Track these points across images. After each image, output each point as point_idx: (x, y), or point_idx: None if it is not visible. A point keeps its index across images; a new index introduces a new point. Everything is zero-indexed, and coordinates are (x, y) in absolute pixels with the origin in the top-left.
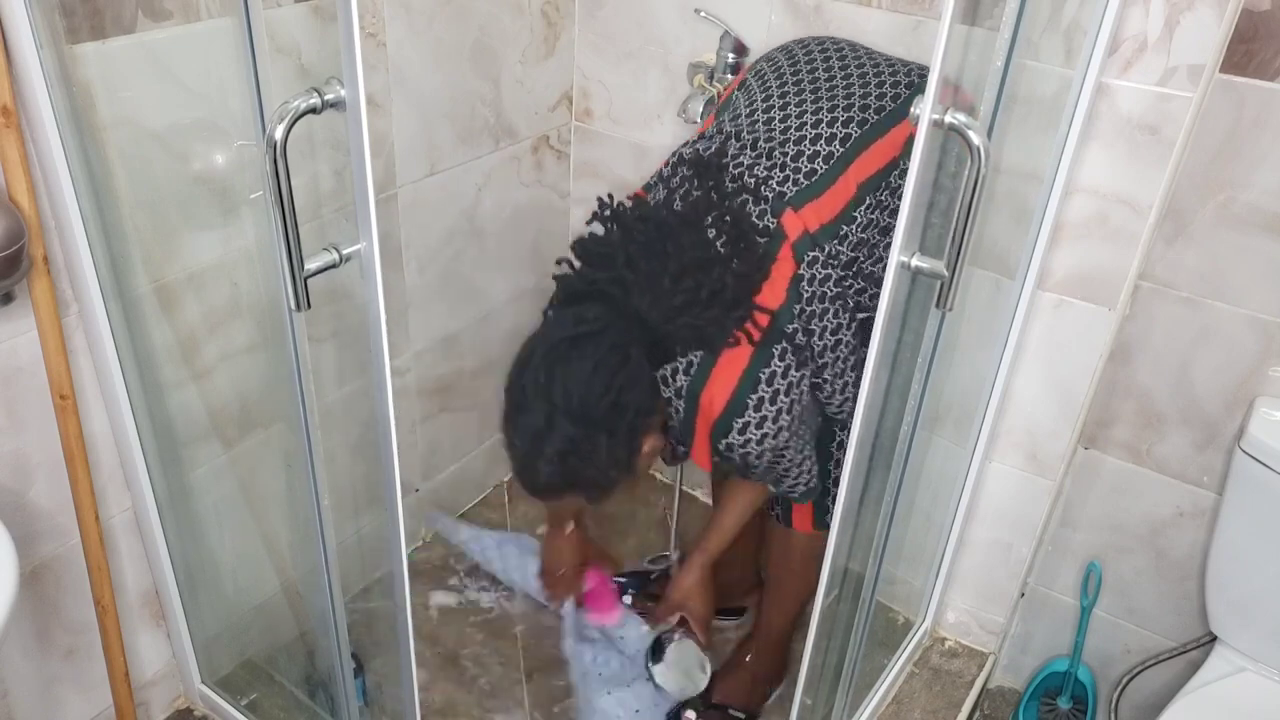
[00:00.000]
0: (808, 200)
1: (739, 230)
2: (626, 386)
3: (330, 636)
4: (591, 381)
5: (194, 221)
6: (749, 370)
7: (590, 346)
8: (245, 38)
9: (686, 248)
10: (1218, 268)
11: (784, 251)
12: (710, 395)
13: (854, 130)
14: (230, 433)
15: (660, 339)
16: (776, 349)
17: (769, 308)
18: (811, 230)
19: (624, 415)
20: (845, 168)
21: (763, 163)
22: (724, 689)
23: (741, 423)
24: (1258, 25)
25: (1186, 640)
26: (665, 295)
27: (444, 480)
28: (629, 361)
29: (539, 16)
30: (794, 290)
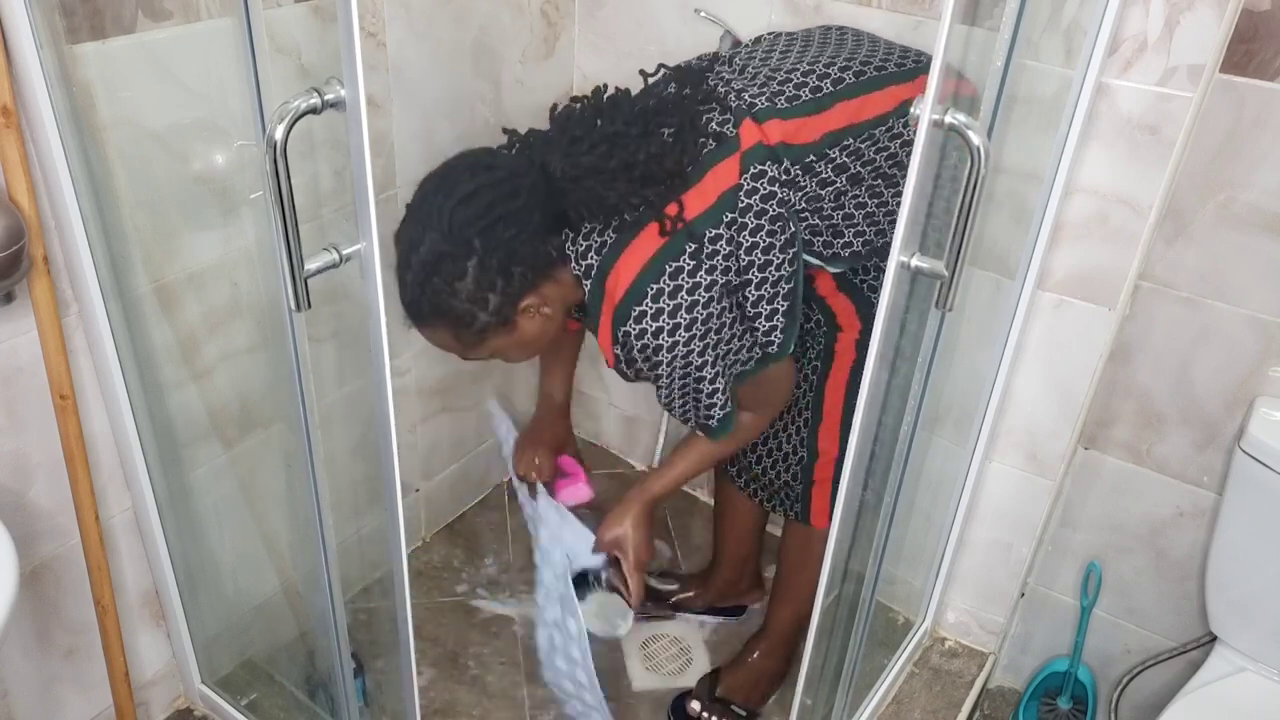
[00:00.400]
0: (774, 117)
1: (684, 127)
2: (505, 223)
3: (330, 636)
4: (469, 201)
5: (194, 221)
6: (654, 258)
7: (484, 174)
8: (245, 38)
9: (616, 122)
10: (1218, 268)
11: (731, 159)
12: (615, 276)
13: (849, 77)
14: (230, 433)
15: (559, 197)
16: (689, 247)
17: (688, 207)
18: (769, 143)
19: (496, 250)
20: (832, 104)
21: (741, 79)
22: (730, 684)
23: (639, 310)
24: (1258, 25)
25: (1186, 640)
26: (576, 155)
27: (444, 480)
28: (516, 199)
29: (539, 16)
30: (728, 198)
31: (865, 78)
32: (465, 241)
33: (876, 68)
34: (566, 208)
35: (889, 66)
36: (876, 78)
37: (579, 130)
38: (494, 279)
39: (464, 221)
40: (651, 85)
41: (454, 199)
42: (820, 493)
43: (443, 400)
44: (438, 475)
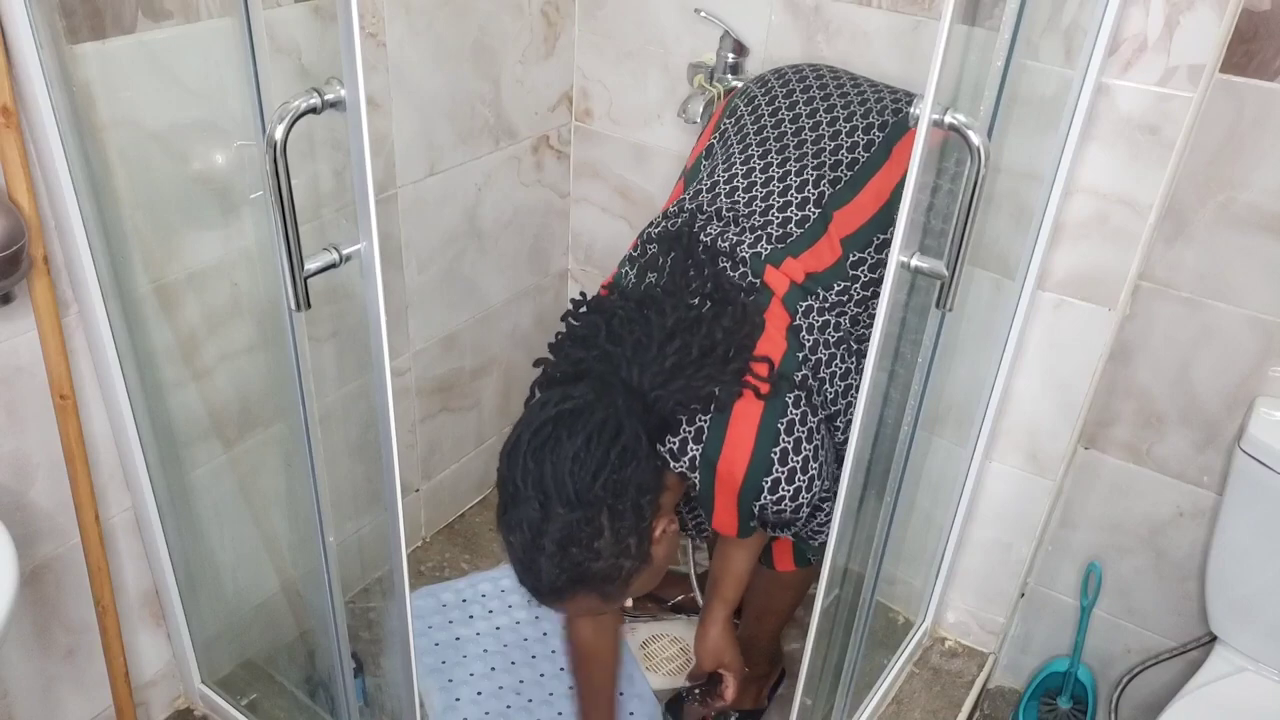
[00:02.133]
0: (786, 257)
1: (721, 290)
2: (623, 461)
3: (330, 636)
4: (583, 459)
5: (194, 221)
6: (764, 423)
7: (579, 423)
8: (245, 38)
9: (669, 312)
10: (1218, 268)
11: (774, 306)
12: (728, 459)
13: (826, 189)
14: (230, 433)
15: (656, 408)
16: (789, 396)
17: (769, 356)
18: (798, 282)
19: (625, 493)
20: (825, 228)
21: (731, 229)
22: None
23: (770, 480)
24: (1258, 25)
25: (1186, 640)
26: (654, 360)
27: (444, 480)
28: (622, 433)
29: (539, 16)
30: (794, 338)
31: (843, 183)
32: (595, 500)
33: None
34: (665, 415)
35: (858, 154)
36: (853, 178)
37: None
38: (631, 524)
39: (584, 483)
40: (644, 260)
41: (565, 461)
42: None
43: (443, 400)
44: (438, 475)
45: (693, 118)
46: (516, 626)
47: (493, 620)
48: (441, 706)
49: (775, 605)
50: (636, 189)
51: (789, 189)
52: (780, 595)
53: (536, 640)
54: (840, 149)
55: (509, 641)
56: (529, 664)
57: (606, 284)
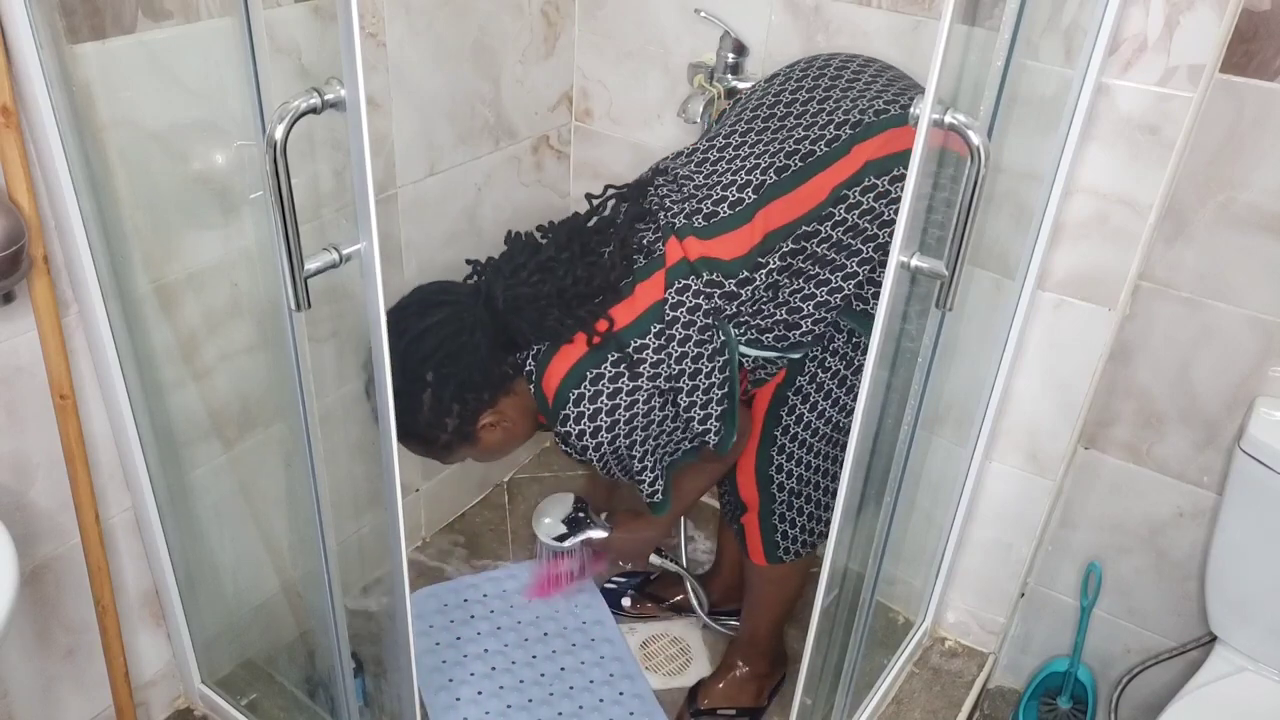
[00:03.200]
0: (692, 235)
1: (623, 247)
2: (453, 355)
3: (330, 636)
4: (419, 341)
5: (194, 221)
6: (575, 367)
7: (432, 314)
8: (245, 38)
9: (551, 248)
10: (1218, 268)
11: (657, 275)
12: (545, 384)
13: (770, 177)
14: (230, 433)
15: (505, 324)
16: (611, 356)
17: (615, 319)
18: (691, 259)
19: (447, 384)
20: (752, 215)
21: (674, 195)
22: (715, 694)
23: (563, 414)
24: (1258, 25)
25: (1186, 640)
26: (516, 284)
27: (444, 480)
28: (462, 335)
29: (539, 16)
30: (655, 310)
31: (790, 172)
32: (418, 378)
33: (804, 156)
34: (513, 332)
35: (819, 149)
36: (801, 169)
37: (522, 257)
38: (448, 406)
39: (416, 360)
40: (596, 206)
41: (405, 338)
42: (752, 532)
43: None
44: (438, 475)
45: (693, 118)
46: (517, 626)
47: (493, 620)
48: (441, 706)
49: (763, 599)
50: None
51: (741, 169)
52: (765, 590)
53: (537, 640)
54: (804, 140)
55: (509, 641)
56: (529, 664)
57: None
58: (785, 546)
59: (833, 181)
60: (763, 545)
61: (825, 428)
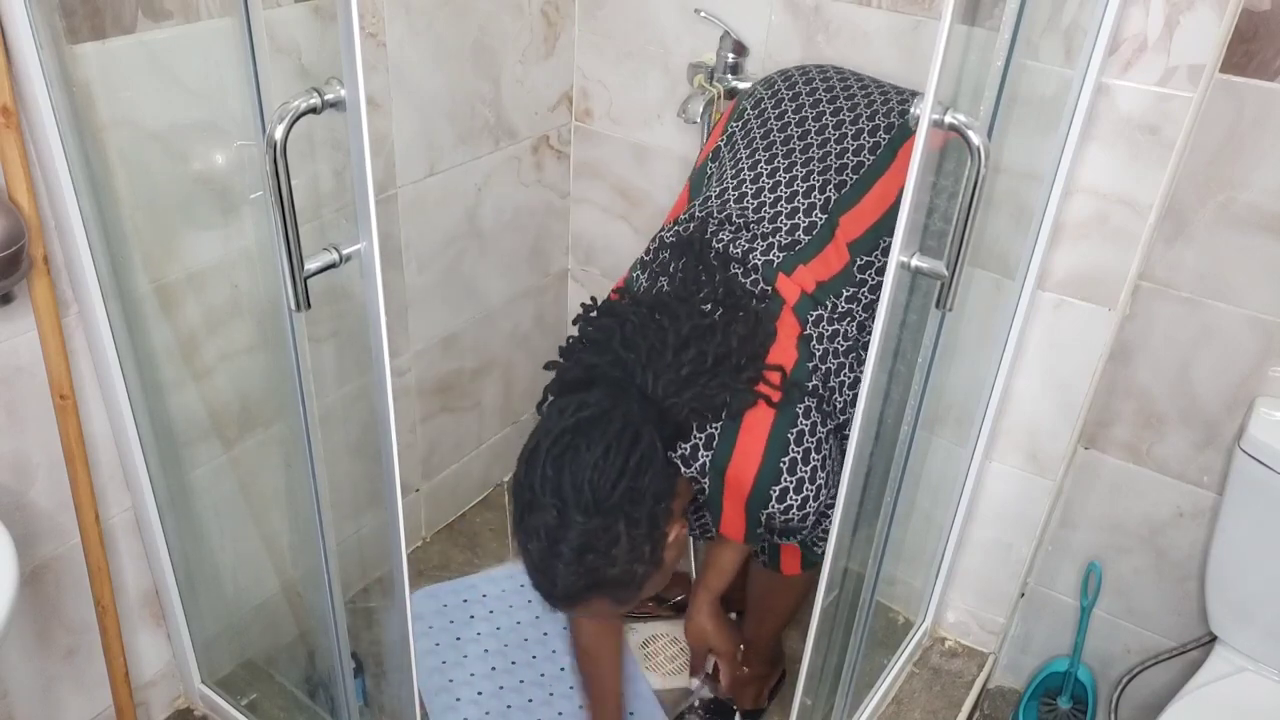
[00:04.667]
0: (797, 264)
1: (733, 297)
2: (641, 469)
3: (330, 636)
4: (603, 468)
5: (194, 221)
6: (775, 433)
7: (597, 431)
8: (245, 38)
9: (683, 318)
10: (1218, 268)
11: (785, 314)
12: (738, 466)
13: (832, 194)
14: (230, 433)
15: (670, 415)
16: (800, 407)
17: (781, 365)
18: (809, 291)
19: (642, 501)
20: (831, 233)
21: (743, 236)
22: None
23: (779, 489)
24: (1258, 25)
25: (1186, 640)
26: (669, 368)
27: (444, 480)
28: (640, 441)
29: (539, 16)
30: (804, 348)
31: (848, 186)
32: (612, 509)
33: (854, 168)
34: (679, 422)
35: (864, 156)
36: (859, 181)
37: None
38: (646, 531)
39: (603, 491)
40: (656, 265)
41: (584, 469)
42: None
43: (443, 400)
44: (438, 475)
45: (693, 118)
46: (517, 627)
47: (493, 620)
48: (441, 706)
49: (777, 607)
50: (636, 189)
51: (796, 194)
52: (783, 598)
53: (537, 640)
54: (846, 153)
55: (509, 642)
56: (529, 664)
57: (617, 288)
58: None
59: (894, 188)
60: (802, 556)
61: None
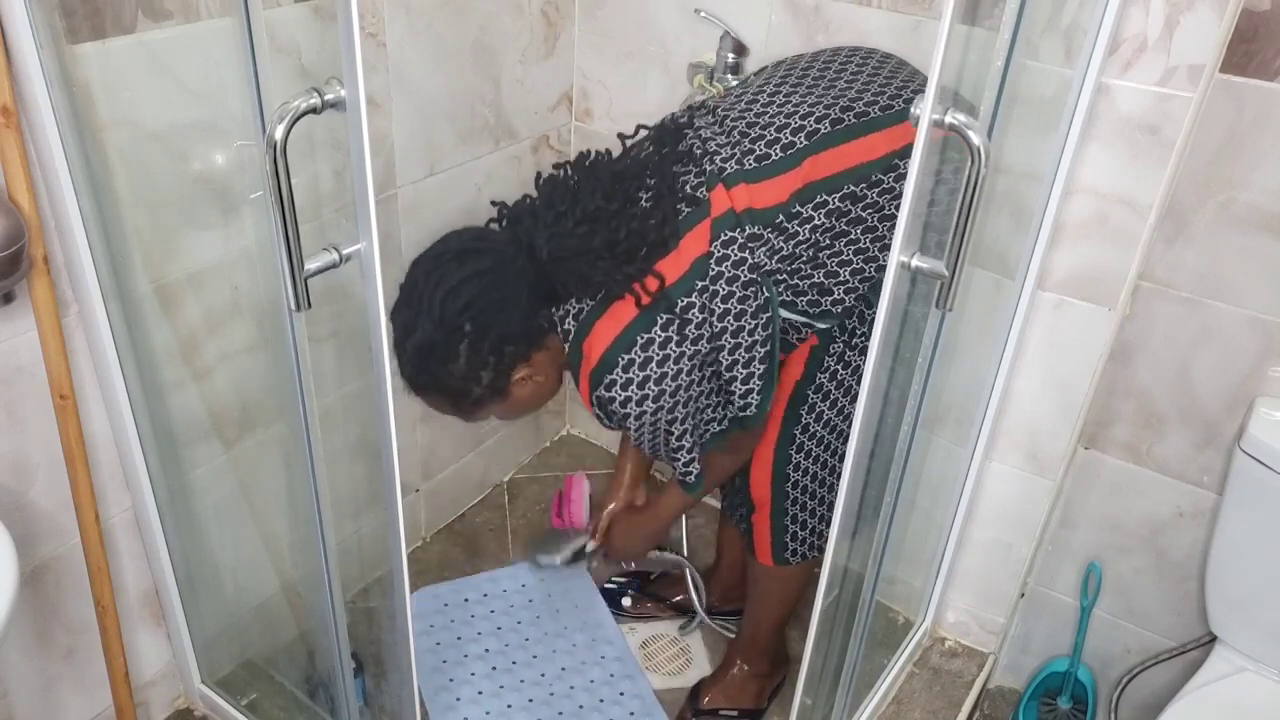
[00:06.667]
0: (743, 181)
1: (663, 194)
2: (494, 306)
3: (330, 636)
4: (458, 292)
5: (194, 221)
6: (627, 330)
7: (470, 262)
8: (245, 38)
9: (596, 196)
10: (1218, 268)
11: (702, 225)
12: (590, 343)
13: (825, 127)
14: (230, 433)
15: (547, 276)
16: (661, 318)
17: (664, 275)
18: (737, 210)
19: (486, 334)
20: (802, 159)
21: (719, 138)
22: (713, 693)
23: (609, 379)
24: (1258, 25)
25: (1186, 640)
26: (561, 235)
27: (444, 480)
28: (504, 284)
29: (539, 16)
30: (699, 266)
31: (843, 126)
32: (456, 329)
33: (858, 114)
34: (555, 285)
35: (873, 111)
36: (856, 125)
37: (563, 205)
38: (485, 359)
39: (454, 311)
40: (629, 147)
41: (443, 288)
42: (761, 531)
43: None
44: (438, 475)
45: None
46: (517, 627)
47: (494, 620)
48: (441, 706)
49: (766, 598)
50: None
51: (794, 114)
52: (769, 588)
53: (537, 640)
54: (859, 100)
55: (510, 642)
56: (529, 664)
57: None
58: (794, 548)
59: (887, 146)
60: (771, 545)
61: (845, 425)
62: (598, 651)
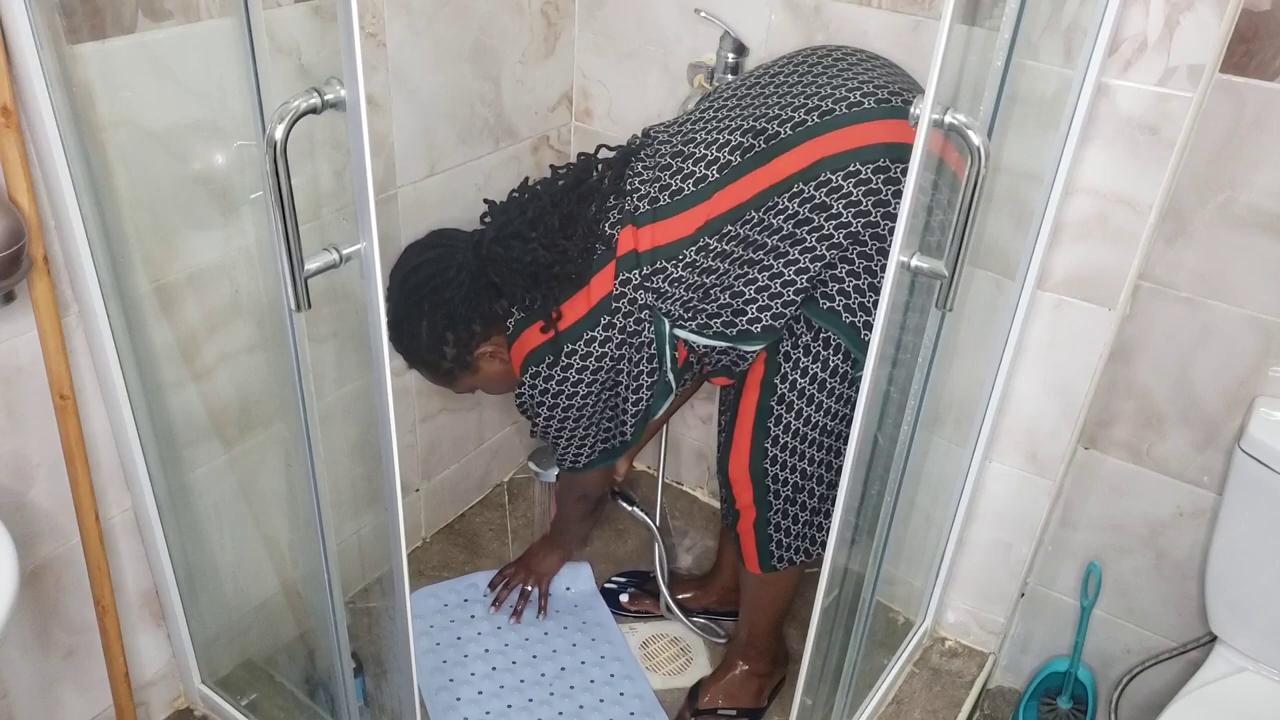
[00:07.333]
0: (653, 220)
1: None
2: (439, 289)
3: (330, 636)
4: (413, 274)
5: (194, 221)
6: (534, 351)
7: (429, 252)
8: (245, 38)
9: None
10: (1218, 268)
11: (608, 268)
12: (516, 349)
13: (735, 158)
14: (230, 433)
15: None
16: (566, 347)
17: (573, 309)
18: (640, 250)
19: (437, 311)
20: (710, 194)
21: (650, 172)
22: (712, 693)
23: (521, 381)
24: (1258, 25)
25: (1186, 640)
26: (498, 244)
27: (444, 480)
28: (449, 273)
29: (539, 16)
30: (602, 305)
31: (753, 152)
32: (415, 305)
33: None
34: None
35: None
36: (764, 151)
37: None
38: (444, 335)
39: (409, 288)
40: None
41: (403, 269)
42: (747, 541)
43: (443, 400)
44: (438, 475)
45: None
46: (517, 626)
47: (494, 620)
48: (441, 706)
49: (758, 603)
50: None
51: (713, 145)
52: (760, 593)
53: (537, 640)
54: (773, 120)
55: (510, 641)
56: (530, 664)
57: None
58: (779, 555)
59: (788, 169)
60: (757, 553)
61: (814, 433)
62: (598, 651)
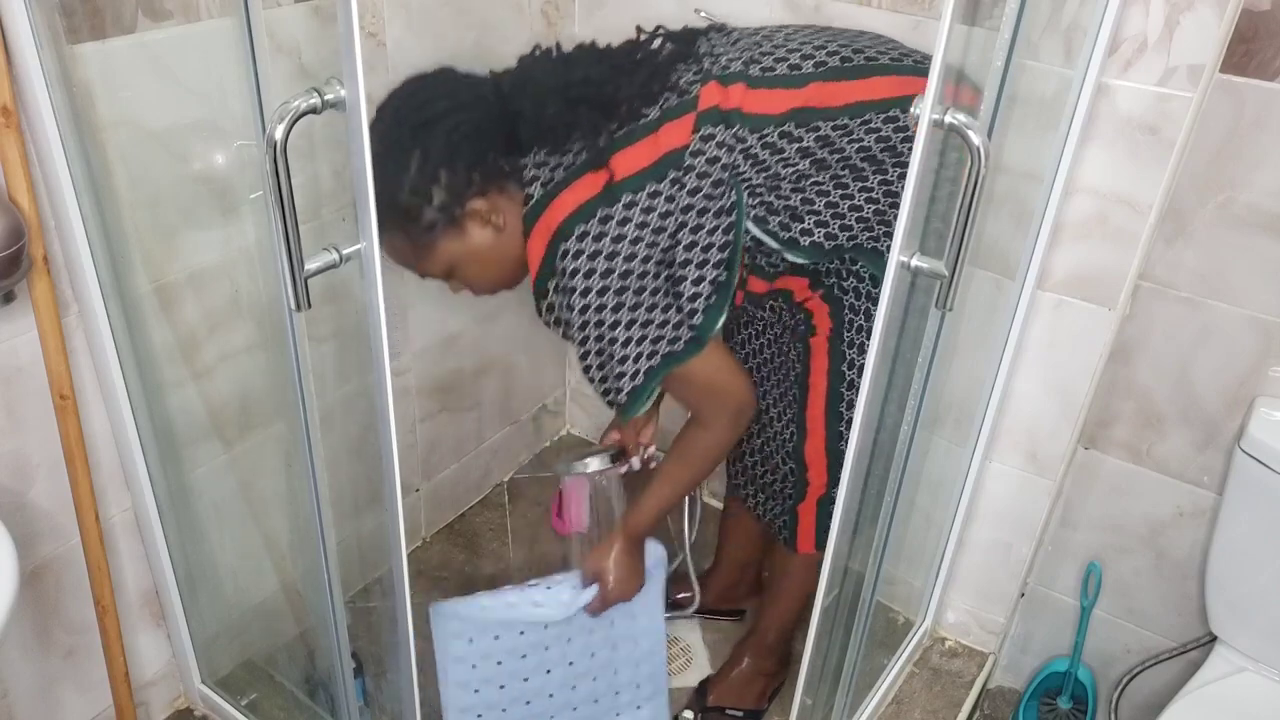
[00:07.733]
0: (742, 82)
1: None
2: (444, 116)
3: (330, 636)
4: (410, 99)
5: (194, 221)
6: (589, 201)
7: (440, 83)
8: (245, 38)
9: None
10: (1218, 268)
11: (685, 118)
12: (553, 210)
13: (834, 61)
14: (230, 433)
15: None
16: (626, 196)
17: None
18: (725, 107)
19: (434, 145)
20: (806, 83)
21: (727, 47)
22: (720, 690)
23: (564, 248)
24: (1258, 25)
25: (1186, 640)
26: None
27: (444, 480)
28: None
29: (539, 16)
30: (674, 158)
31: (851, 64)
32: (408, 133)
33: (868, 58)
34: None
35: (883, 59)
36: (863, 67)
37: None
38: (436, 171)
39: (406, 112)
40: (642, 40)
41: (397, 98)
42: (806, 520)
43: (443, 400)
44: (438, 475)
45: None
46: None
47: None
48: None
49: (790, 589)
50: None
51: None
52: (796, 580)
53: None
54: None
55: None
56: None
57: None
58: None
59: (886, 89)
60: (815, 530)
61: None
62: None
